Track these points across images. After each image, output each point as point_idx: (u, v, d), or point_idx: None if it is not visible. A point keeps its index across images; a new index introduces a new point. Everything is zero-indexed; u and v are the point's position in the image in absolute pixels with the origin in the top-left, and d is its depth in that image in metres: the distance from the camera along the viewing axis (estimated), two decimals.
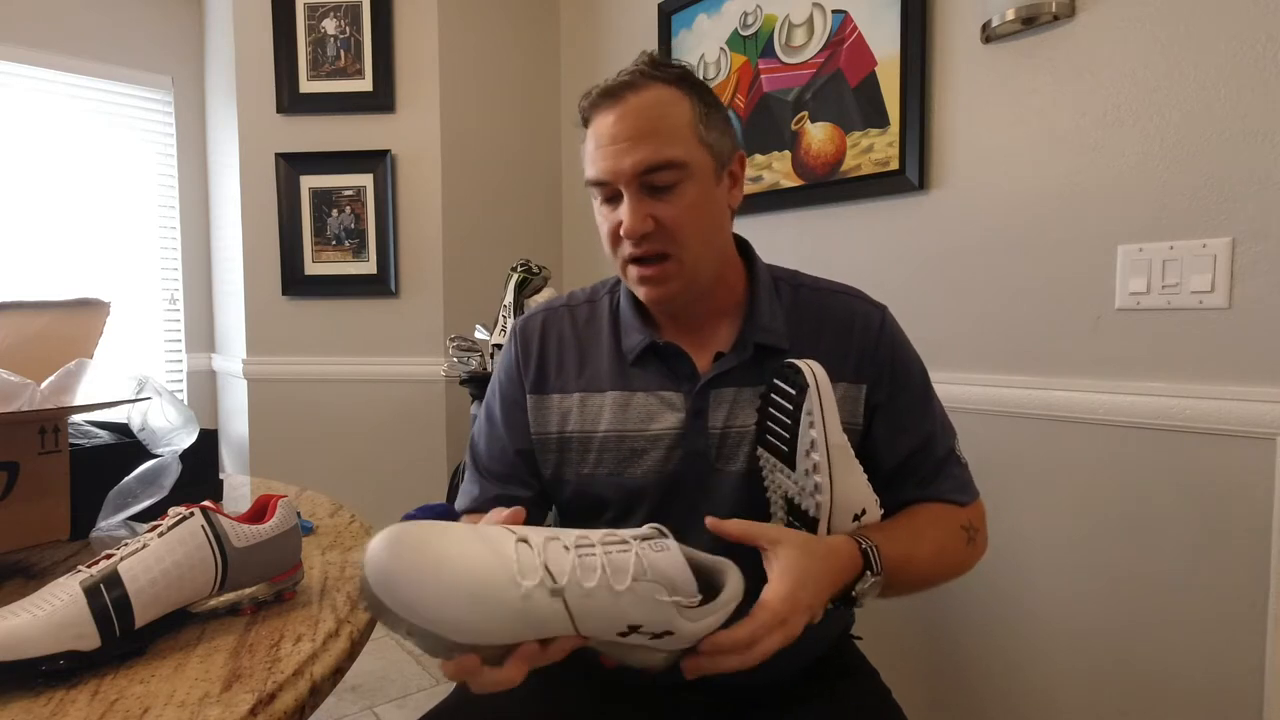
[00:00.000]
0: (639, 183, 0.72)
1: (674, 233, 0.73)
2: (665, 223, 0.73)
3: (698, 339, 0.80)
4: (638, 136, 0.71)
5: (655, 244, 0.73)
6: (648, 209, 0.72)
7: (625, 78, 0.73)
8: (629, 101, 0.72)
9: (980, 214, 1.35)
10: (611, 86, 0.73)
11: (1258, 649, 1.06)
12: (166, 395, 0.87)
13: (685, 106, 0.73)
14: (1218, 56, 1.07)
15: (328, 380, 2.28)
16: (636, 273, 0.76)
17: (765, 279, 0.82)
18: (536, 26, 2.40)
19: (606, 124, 0.73)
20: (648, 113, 0.72)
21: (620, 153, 0.72)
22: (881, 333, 0.81)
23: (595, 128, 0.75)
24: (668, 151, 0.71)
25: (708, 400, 0.77)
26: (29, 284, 2.28)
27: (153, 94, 2.52)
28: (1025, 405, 1.29)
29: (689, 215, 0.73)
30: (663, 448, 0.77)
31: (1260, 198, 1.04)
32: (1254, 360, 1.05)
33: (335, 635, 0.60)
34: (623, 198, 0.73)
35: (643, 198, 0.72)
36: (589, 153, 0.76)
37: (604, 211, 0.77)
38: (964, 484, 0.82)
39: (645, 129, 0.71)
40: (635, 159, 0.71)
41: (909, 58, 1.42)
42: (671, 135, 0.72)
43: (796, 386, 0.68)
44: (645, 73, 0.73)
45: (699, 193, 0.74)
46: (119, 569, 0.55)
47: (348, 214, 2.23)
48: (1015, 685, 1.33)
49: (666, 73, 0.74)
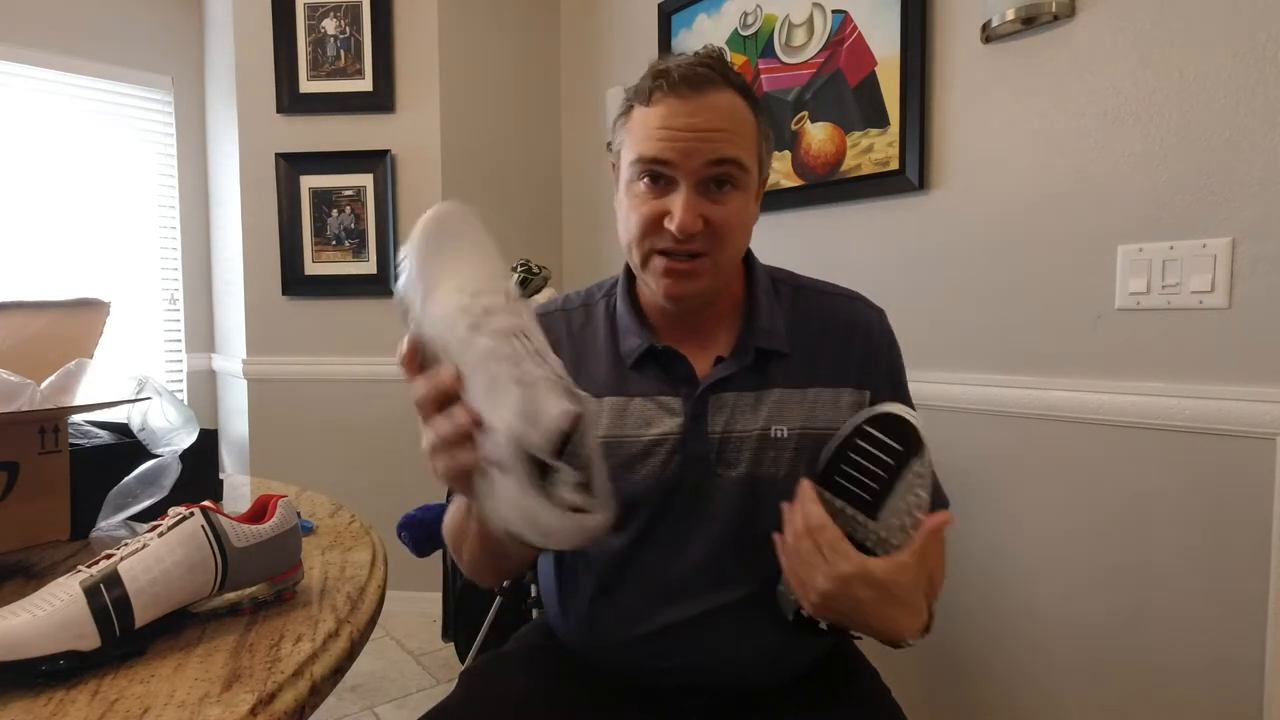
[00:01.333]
0: (701, 176, 0.71)
1: (719, 235, 0.72)
2: (714, 223, 0.72)
3: (696, 342, 0.79)
4: (716, 131, 0.70)
5: (697, 243, 0.72)
6: (701, 208, 0.71)
7: (705, 70, 0.72)
8: (710, 97, 0.71)
9: (980, 214, 1.35)
10: (693, 76, 0.71)
11: (1258, 648, 1.06)
12: (166, 395, 0.87)
13: (751, 118, 0.74)
14: (1218, 56, 1.07)
15: (328, 380, 2.28)
16: (665, 265, 0.73)
17: (764, 281, 0.82)
18: (536, 26, 2.40)
19: (683, 110, 0.71)
20: (726, 112, 0.71)
21: (697, 140, 0.70)
22: (883, 338, 0.82)
23: (665, 109, 0.72)
24: (739, 151, 0.72)
25: (707, 405, 0.76)
26: (29, 284, 2.28)
27: (153, 94, 2.53)
28: (1025, 405, 1.29)
29: (735, 220, 0.73)
30: (662, 453, 0.76)
31: (1260, 198, 1.04)
32: (1254, 360, 1.05)
33: (335, 635, 0.60)
34: (674, 187, 0.72)
35: (699, 195, 0.71)
36: (646, 131, 0.72)
37: (643, 195, 0.73)
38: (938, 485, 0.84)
39: (724, 126, 0.71)
40: (712, 148, 0.70)
41: (909, 58, 1.42)
42: (742, 139, 0.72)
43: (905, 442, 0.67)
44: (724, 74, 0.73)
45: (745, 201, 0.74)
46: (119, 569, 0.55)
47: (348, 214, 2.23)
48: (1015, 685, 1.33)
49: (738, 81, 0.74)
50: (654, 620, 0.75)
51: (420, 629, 2.21)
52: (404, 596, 2.24)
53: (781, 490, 0.75)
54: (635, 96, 0.75)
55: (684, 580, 0.75)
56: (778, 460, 0.75)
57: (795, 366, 0.78)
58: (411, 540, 1.46)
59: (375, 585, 0.73)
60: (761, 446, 0.75)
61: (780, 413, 0.76)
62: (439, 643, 2.09)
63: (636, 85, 0.75)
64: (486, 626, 1.72)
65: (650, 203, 0.73)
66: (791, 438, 0.76)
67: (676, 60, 0.74)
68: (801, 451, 0.76)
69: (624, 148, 0.76)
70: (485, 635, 1.72)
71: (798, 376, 0.78)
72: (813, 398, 0.77)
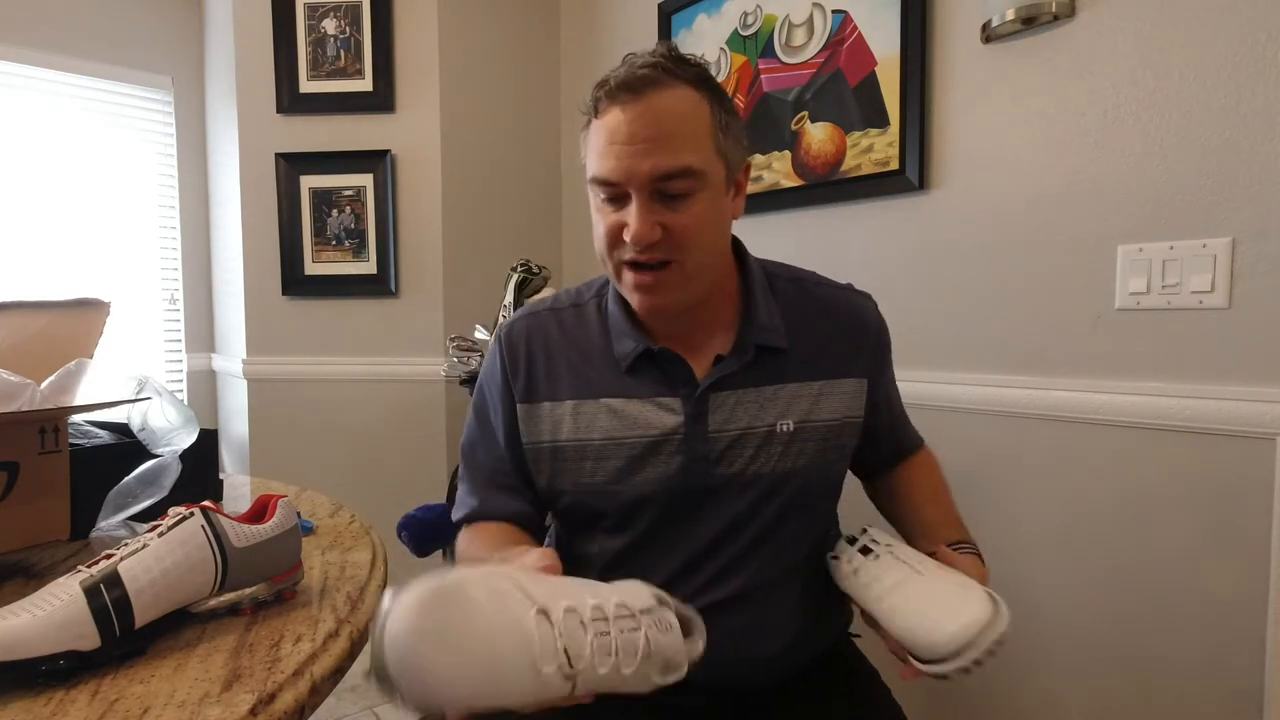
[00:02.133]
0: (651, 188, 0.69)
1: (681, 242, 0.70)
2: (673, 232, 0.70)
3: (693, 342, 0.78)
4: (657, 139, 0.67)
5: (659, 252, 0.70)
6: (657, 216, 0.69)
7: (645, 71, 0.69)
8: (649, 100, 0.68)
9: (980, 214, 1.35)
10: (632, 80, 0.68)
11: (1258, 648, 1.06)
12: (166, 395, 0.87)
13: (705, 112, 0.70)
14: (1218, 56, 1.07)
15: (328, 380, 2.28)
16: (633, 279, 0.73)
17: (758, 276, 0.81)
18: (536, 26, 2.40)
19: (622, 121, 0.68)
20: (668, 115, 0.68)
21: (637, 154, 0.68)
22: (877, 326, 0.86)
23: (608, 121, 0.70)
24: (686, 158, 0.68)
25: (707, 404, 0.76)
26: (29, 284, 2.28)
27: (153, 94, 2.52)
28: (1025, 405, 1.29)
29: (697, 225, 0.70)
30: (663, 454, 0.75)
31: (1260, 198, 1.04)
32: (1254, 360, 1.05)
33: (335, 635, 0.60)
34: (628, 200, 0.70)
35: (653, 204, 0.69)
36: (596, 147, 0.71)
37: (604, 210, 0.73)
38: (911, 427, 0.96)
39: (665, 132, 0.68)
40: (653, 163, 0.67)
41: (909, 58, 1.42)
42: (691, 142, 0.69)
43: None
44: (668, 69, 0.69)
45: (709, 203, 0.71)
46: (119, 569, 0.55)
47: (348, 214, 2.23)
48: (1015, 684, 1.33)
49: (687, 71, 0.70)
50: None
51: None
52: None
53: (785, 485, 0.76)
54: (588, 109, 0.74)
55: (686, 577, 0.75)
56: (784, 455, 0.76)
57: (796, 360, 0.78)
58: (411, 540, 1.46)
59: (375, 585, 0.73)
60: (766, 443, 0.75)
61: (785, 408, 0.76)
62: None
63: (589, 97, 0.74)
64: None
65: (610, 216, 0.72)
66: (799, 431, 0.76)
67: (625, 64, 0.71)
68: (807, 445, 0.76)
69: (586, 162, 0.75)
70: None
71: (800, 370, 0.78)
72: (816, 390, 0.78)
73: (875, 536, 0.76)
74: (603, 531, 0.79)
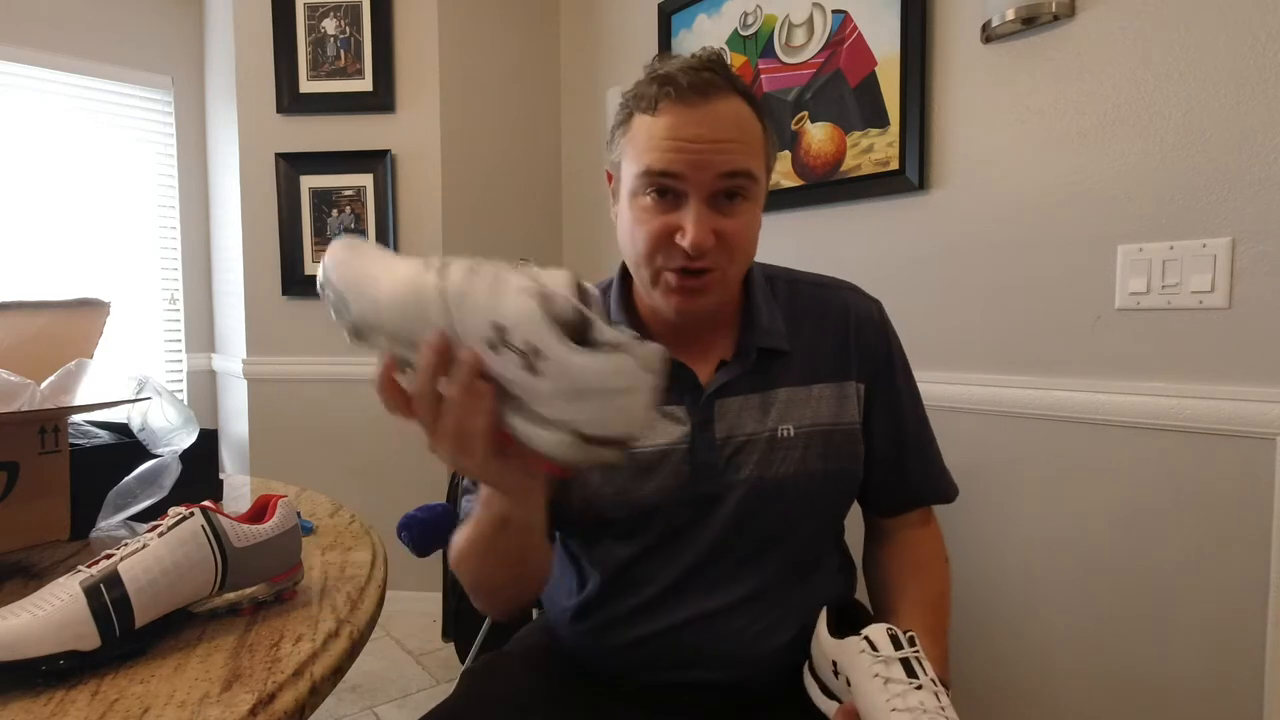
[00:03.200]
0: (713, 190, 0.68)
1: (730, 249, 0.70)
2: (726, 237, 0.69)
3: (696, 348, 0.78)
4: (725, 140, 0.68)
5: (709, 259, 0.69)
6: (713, 221, 0.69)
7: (710, 76, 0.69)
8: (716, 105, 0.68)
9: (980, 214, 1.35)
10: (700, 84, 0.68)
11: (1258, 648, 1.06)
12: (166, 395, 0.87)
13: (759, 126, 0.72)
14: (1217, 56, 1.07)
15: (328, 380, 2.28)
16: (678, 282, 0.71)
17: (759, 280, 0.81)
18: (536, 26, 2.40)
19: (691, 119, 0.68)
20: (732, 120, 0.69)
21: (708, 151, 0.67)
22: (880, 328, 0.83)
23: (672, 118, 0.68)
24: (750, 162, 0.69)
25: (713, 410, 0.75)
26: (29, 284, 2.28)
27: (153, 94, 2.53)
28: (1025, 405, 1.29)
29: (746, 233, 0.71)
30: (671, 462, 0.75)
31: (1260, 198, 1.04)
32: (1254, 360, 1.05)
33: (335, 635, 0.60)
34: (682, 201, 0.69)
35: (709, 209, 0.69)
36: (650, 142, 0.69)
37: (649, 208, 0.70)
38: (944, 472, 0.86)
39: (733, 136, 0.68)
40: (724, 160, 0.68)
41: (909, 58, 1.42)
42: (751, 148, 0.70)
43: None
44: (729, 80, 0.70)
45: (754, 213, 0.72)
46: (119, 569, 0.55)
47: (348, 214, 2.23)
48: (1015, 684, 1.33)
49: (741, 86, 0.71)
50: (656, 622, 0.75)
51: (420, 629, 2.20)
52: (404, 596, 2.24)
53: (787, 489, 0.75)
54: (637, 104, 0.72)
55: (689, 582, 0.75)
56: (786, 460, 0.75)
57: (797, 364, 0.78)
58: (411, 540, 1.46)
59: (375, 585, 0.73)
60: (770, 448, 0.75)
61: (787, 412, 0.76)
62: (439, 643, 2.09)
63: (636, 91, 0.72)
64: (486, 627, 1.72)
65: (659, 218, 0.70)
66: (799, 436, 0.76)
67: (679, 64, 0.70)
68: (809, 449, 0.76)
69: (625, 158, 0.73)
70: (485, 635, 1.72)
71: (801, 374, 0.78)
72: (817, 394, 0.77)
73: (924, 662, 0.63)
74: (610, 538, 0.78)
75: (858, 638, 0.65)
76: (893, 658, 0.63)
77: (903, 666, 0.63)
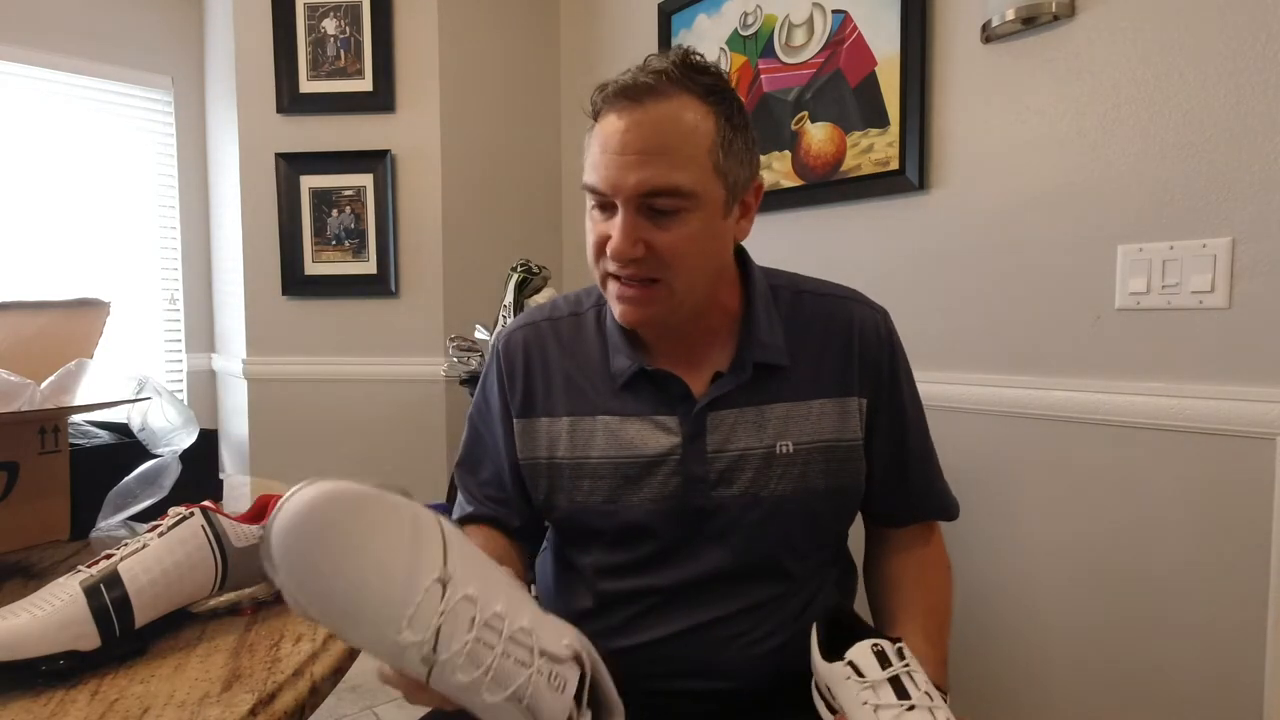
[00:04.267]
0: (638, 203, 0.66)
1: (666, 262, 0.67)
2: (658, 250, 0.67)
3: (690, 359, 0.76)
4: (648, 152, 0.65)
5: (643, 269, 0.67)
6: (642, 232, 0.66)
7: (648, 79, 0.65)
8: (647, 109, 0.65)
9: (980, 214, 1.35)
10: (631, 86, 0.65)
11: (1258, 648, 1.06)
12: (166, 395, 0.87)
13: (708, 127, 0.66)
14: (1218, 56, 1.07)
15: (328, 380, 2.27)
16: (617, 290, 0.70)
17: (762, 289, 0.78)
18: (536, 27, 2.40)
19: (616, 129, 0.66)
20: (664, 127, 0.65)
21: (625, 165, 0.65)
22: (883, 341, 0.80)
23: (603, 128, 0.67)
24: (676, 177, 0.65)
25: (705, 423, 0.74)
26: (29, 284, 2.28)
27: (153, 94, 2.52)
28: (1025, 405, 1.29)
29: (685, 246, 0.67)
30: (660, 473, 0.74)
31: (1260, 198, 1.04)
32: (1254, 360, 1.05)
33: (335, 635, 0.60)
34: (617, 210, 0.67)
35: (639, 219, 0.66)
36: (592, 154, 0.69)
37: (595, 217, 0.71)
38: (946, 490, 0.85)
39: (657, 145, 0.65)
40: (639, 177, 0.65)
41: (909, 58, 1.42)
42: (684, 159, 0.65)
43: None
44: (674, 77, 0.66)
45: (702, 224, 0.68)
46: (119, 569, 0.55)
47: (348, 214, 2.23)
48: (1014, 684, 1.33)
49: (697, 82, 0.67)
50: (651, 631, 0.75)
51: None
52: None
53: (787, 506, 0.74)
54: (591, 113, 0.71)
55: (682, 595, 0.75)
56: (786, 476, 0.74)
57: (796, 378, 0.76)
58: None
59: None
60: (766, 464, 0.74)
61: (785, 428, 0.74)
62: None
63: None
64: None
65: (599, 226, 0.70)
66: (799, 452, 0.74)
67: (632, 69, 0.68)
68: (810, 465, 0.74)
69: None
70: None
71: (800, 389, 0.75)
72: (818, 410, 0.75)
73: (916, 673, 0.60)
74: (599, 546, 0.78)
75: (842, 663, 0.62)
76: (880, 680, 0.60)
77: (892, 687, 0.59)
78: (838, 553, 0.85)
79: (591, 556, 0.78)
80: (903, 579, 0.81)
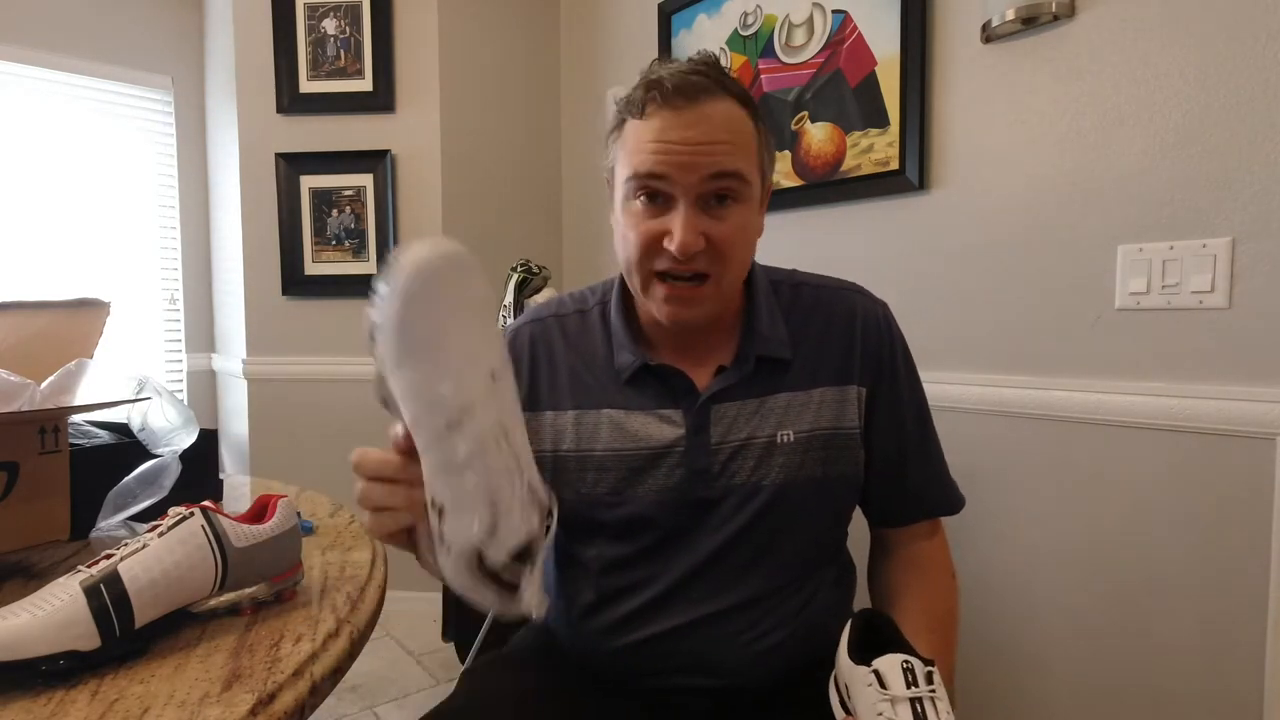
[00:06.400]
0: (700, 192, 0.68)
1: (721, 253, 0.69)
2: (715, 241, 0.68)
3: (694, 354, 0.77)
4: (714, 142, 0.67)
5: (699, 263, 0.69)
6: (701, 224, 0.68)
7: (699, 79, 0.68)
8: (705, 108, 0.67)
9: (980, 214, 1.35)
10: (686, 86, 0.67)
11: (1258, 649, 1.06)
12: (166, 395, 0.87)
13: (752, 128, 0.71)
14: (1218, 56, 1.07)
15: (328, 380, 2.28)
16: (665, 291, 0.71)
17: (763, 284, 0.80)
18: (536, 27, 2.40)
19: (678, 122, 0.67)
20: (722, 123, 0.68)
21: (694, 153, 0.67)
22: (884, 331, 0.81)
23: (659, 121, 0.68)
24: (741, 163, 0.68)
25: (708, 416, 0.75)
26: (29, 284, 2.28)
27: (153, 94, 2.52)
28: (1025, 405, 1.29)
29: (738, 236, 0.70)
30: (665, 465, 0.75)
31: (1260, 198, 1.04)
32: (1254, 360, 1.05)
33: (335, 635, 0.60)
34: (671, 204, 0.68)
35: (698, 211, 0.68)
36: (639, 145, 0.69)
37: (639, 212, 0.70)
38: (949, 482, 0.85)
39: (722, 137, 0.68)
40: (711, 162, 0.67)
41: (909, 58, 1.42)
42: (742, 149, 0.69)
43: None
44: (719, 82, 0.69)
45: (748, 215, 0.71)
46: (119, 569, 0.55)
47: (348, 214, 2.23)
48: (1014, 685, 1.33)
49: (735, 88, 0.70)
50: (654, 625, 0.75)
51: (420, 629, 2.20)
52: (404, 596, 2.24)
53: (786, 495, 0.75)
54: (627, 109, 0.72)
55: (685, 587, 0.75)
56: (785, 466, 0.75)
57: (798, 369, 0.77)
58: None
59: (375, 585, 0.73)
60: (767, 453, 0.75)
61: (786, 417, 0.75)
62: (439, 643, 2.09)
63: (628, 97, 0.72)
64: (486, 627, 1.72)
65: (648, 222, 0.70)
66: (799, 441, 0.75)
67: (670, 68, 0.70)
68: (809, 454, 0.75)
69: (618, 163, 0.73)
70: (485, 635, 1.72)
71: (801, 379, 0.77)
72: (818, 399, 0.77)
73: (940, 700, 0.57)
74: (603, 539, 0.78)
75: (867, 668, 0.59)
76: (902, 697, 0.56)
77: (911, 709, 0.56)
78: (837, 551, 0.85)
79: (595, 549, 0.79)
80: (906, 588, 0.80)
